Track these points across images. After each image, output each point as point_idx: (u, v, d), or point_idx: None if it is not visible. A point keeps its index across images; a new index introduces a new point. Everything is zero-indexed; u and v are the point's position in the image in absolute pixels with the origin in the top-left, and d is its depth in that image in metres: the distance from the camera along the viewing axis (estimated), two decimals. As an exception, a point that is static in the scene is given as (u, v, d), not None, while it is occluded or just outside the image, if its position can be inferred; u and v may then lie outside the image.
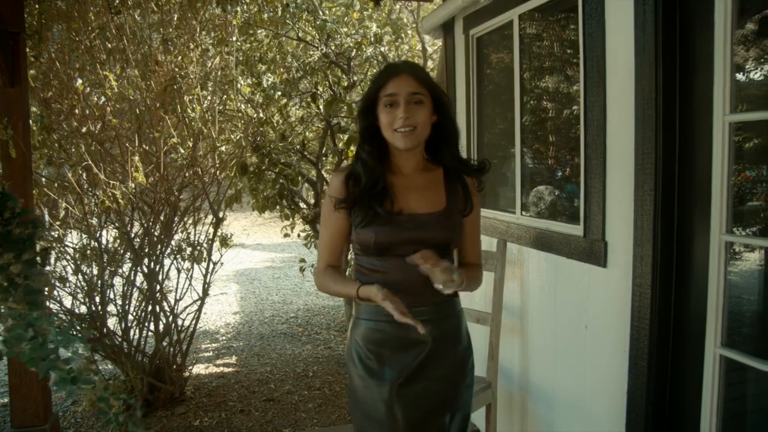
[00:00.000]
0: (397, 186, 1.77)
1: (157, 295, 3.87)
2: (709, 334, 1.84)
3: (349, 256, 3.35)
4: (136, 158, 3.51)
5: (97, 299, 3.73)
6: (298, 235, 5.69)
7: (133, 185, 3.50)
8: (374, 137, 1.76)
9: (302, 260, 5.67)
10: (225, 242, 4.17)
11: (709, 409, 1.86)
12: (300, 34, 5.15)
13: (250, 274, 8.96)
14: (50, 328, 1.77)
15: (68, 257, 3.77)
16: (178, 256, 3.96)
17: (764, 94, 1.89)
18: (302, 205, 5.57)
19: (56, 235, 3.72)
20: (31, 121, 3.17)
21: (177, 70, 3.72)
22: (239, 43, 4.53)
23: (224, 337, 5.78)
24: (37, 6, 3.31)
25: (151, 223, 3.83)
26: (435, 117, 1.76)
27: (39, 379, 2.17)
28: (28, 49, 3.10)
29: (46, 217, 3.63)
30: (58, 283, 3.69)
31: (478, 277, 1.91)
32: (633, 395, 2.07)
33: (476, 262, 1.92)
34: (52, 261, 3.71)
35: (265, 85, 4.47)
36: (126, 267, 3.88)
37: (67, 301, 3.73)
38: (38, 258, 1.94)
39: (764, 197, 1.86)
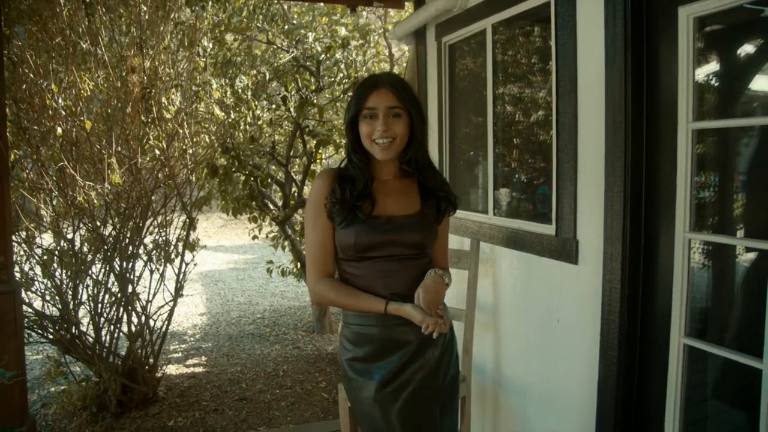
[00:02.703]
0: (376, 190, 1.85)
1: (129, 296, 3.85)
2: (674, 324, 2.00)
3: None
4: (113, 160, 3.49)
5: (69, 301, 3.69)
6: (267, 236, 5.72)
7: (108, 186, 3.49)
8: (360, 145, 1.84)
9: (270, 262, 5.69)
10: (192, 247, 4.16)
11: (673, 393, 2.01)
12: (269, 38, 5.19)
13: (215, 276, 8.90)
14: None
15: (36, 258, 3.72)
16: (151, 257, 3.94)
17: (724, 103, 2.05)
18: (271, 206, 5.60)
19: (25, 236, 3.67)
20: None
21: (149, 72, 3.72)
22: (210, 45, 4.54)
23: (192, 338, 5.75)
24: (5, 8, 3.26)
25: (123, 224, 3.81)
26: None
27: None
28: None
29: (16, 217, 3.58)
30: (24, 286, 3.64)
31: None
32: (603, 383, 2.21)
33: (444, 266, 2.00)
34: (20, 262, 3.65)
35: (238, 87, 4.49)
36: (97, 268, 3.85)
37: (37, 303, 3.68)
38: None
39: (724, 198, 2.02)
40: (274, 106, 5.32)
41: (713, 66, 2.04)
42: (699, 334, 1.98)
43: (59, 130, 3.46)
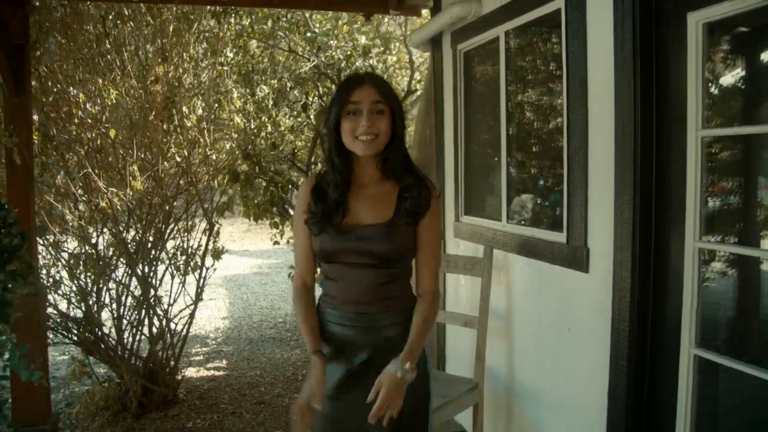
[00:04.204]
0: (352, 196, 1.82)
1: (151, 299, 3.94)
2: (684, 334, 1.98)
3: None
4: (135, 167, 3.59)
5: (92, 303, 3.80)
6: (288, 242, 5.78)
7: (130, 192, 3.58)
8: (340, 147, 1.80)
9: (291, 267, 5.76)
10: (218, 255, 4.23)
11: (684, 404, 1.99)
12: (291, 46, 5.27)
13: (238, 280, 9.02)
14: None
15: (63, 262, 3.84)
16: (172, 262, 4.03)
17: (734, 110, 2.03)
18: (291, 212, 5.67)
19: (52, 240, 3.79)
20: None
21: (173, 81, 3.81)
22: (231, 55, 4.63)
23: (214, 342, 5.84)
24: (36, 16, 3.39)
25: (145, 229, 3.90)
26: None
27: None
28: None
29: (44, 222, 3.70)
30: (52, 288, 3.76)
31: (430, 319, 1.82)
32: (613, 392, 2.20)
33: (429, 289, 1.84)
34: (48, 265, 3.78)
35: (259, 96, 4.57)
36: (120, 272, 3.95)
37: (63, 305, 3.79)
38: (20, 270, 2.01)
39: (734, 207, 2.00)
40: (295, 113, 5.39)
41: (723, 72, 2.02)
42: (710, 345, 1.95)
43: (85, 138, 3.57)
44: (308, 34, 5.20)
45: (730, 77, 2.02)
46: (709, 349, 1.92)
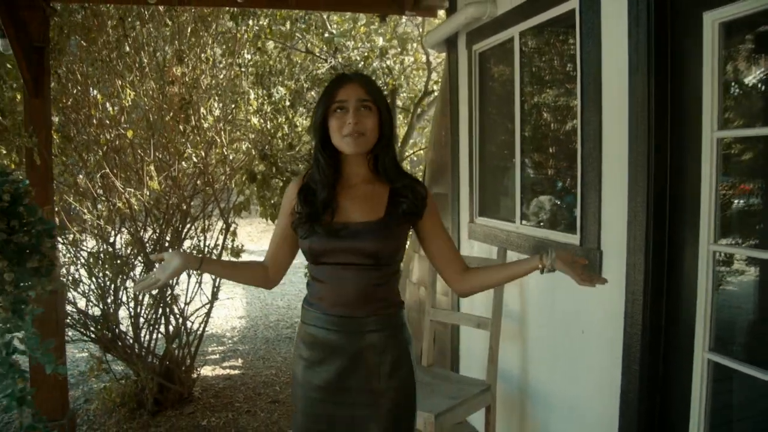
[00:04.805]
0: (341, 195, 1.80)
1: (168, 298, 3.99)
2: (698, 339, 1.95)
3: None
4: (152, 167, 3.63)
5: (110, 302, 3.85)
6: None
7: (147, 192, 3.63)
8: (328, 146, 1.78)
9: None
10: (237, 254, 4.27)
11: (697, 410, 1.96)
12: (308, 47, 5.29)
13: (255, 280, 9.07)
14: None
15: (82, 260, 3.90)
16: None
17: (751, 111, 2.00)
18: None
19: (71, 239, 3.85)
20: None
21: (190, 82, 3.86)
22: (249, 56, 4.67)
23: (230, 341, 5.89)
24: (56, 19, 3.45)
25: (162, 229, 3.95)
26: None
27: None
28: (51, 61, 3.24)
29: (63, 221, 3.76)
30: (71, 286, 3.82)
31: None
32: (626, 397, 2.17)
33: (464, 264, 1.88)
34: (67, 264, 3.84)
35: (276, 98, 4.60)
36: (138, 271, 4.01)
37: (81, 303, 3.85)
38: (40, 267, 2.05)
39: (750, 210, 1.96)
40: (311, 113, 5.41)
41: (740, 73, 1.99)
42: (725, 349, 1.92)
43: (103, 138, 3.62)
44: (325, 35, 5.22)
45: (747, 77, 1.99)
46: (724, 354, 1.89)
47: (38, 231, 2.04)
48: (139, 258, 3.96)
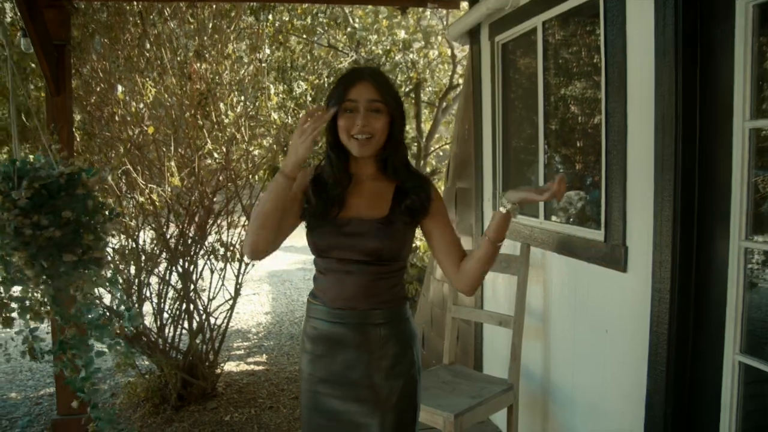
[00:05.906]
0: (349, 191, 1.78)
1: (191, 294, 4.01)
2: (728, 340, 1.85)
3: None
4: (173, 163, 3.65)
5: (135, 297, 3.89)
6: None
7: (169, 188, 3.64)
8: (338, 142, 1.74)
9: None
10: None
11: (728, 415, 1.87)
12: (330, 41, 5.26)
13: (282, 276, 9.12)
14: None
15: (108, 257, 3.94)
16: (211, 257, 4.08)
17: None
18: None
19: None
20: (74, 128, 3.34)
21: (211, 77, 3.86)
22: (269, 51, 4.66)
23: (255, 337, 5.92)
24: (80, 18, 3.48)
25: (186, 225, 3.97)
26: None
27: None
28: (73, 60, 3.27)
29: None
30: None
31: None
32: (652, 398, 2.09)
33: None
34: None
35: (297, 92, 4.58)
36: (162, 267, 4.03)
37: (106, 299, 3.89)
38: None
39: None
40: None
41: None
42: (758, 352, 1.82)
43: (125, 135, 3.65)
44: (348, 29, 5.18)
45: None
46: (757, 357, 1.80)
47: (78, 223, 2.02)
48: (163, 254, 3.99)
